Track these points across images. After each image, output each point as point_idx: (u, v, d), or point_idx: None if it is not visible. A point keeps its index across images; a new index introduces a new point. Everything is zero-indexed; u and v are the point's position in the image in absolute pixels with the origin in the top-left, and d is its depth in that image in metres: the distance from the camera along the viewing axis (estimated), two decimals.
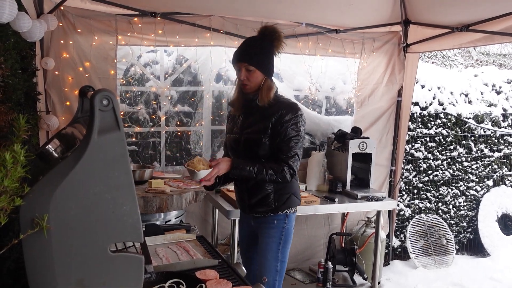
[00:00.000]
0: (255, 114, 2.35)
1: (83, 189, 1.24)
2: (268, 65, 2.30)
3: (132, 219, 1.29)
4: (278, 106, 2.30)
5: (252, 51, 2.28)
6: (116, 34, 3.32)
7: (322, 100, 4.23)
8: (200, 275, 1.79)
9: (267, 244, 2.42)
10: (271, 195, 2.39)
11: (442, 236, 4.86)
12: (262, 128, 2.30)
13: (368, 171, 3.83)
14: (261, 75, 2.29)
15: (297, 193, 2.47)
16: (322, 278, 3.74)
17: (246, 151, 2.35)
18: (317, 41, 3.91)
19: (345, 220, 4.23)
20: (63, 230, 1.23)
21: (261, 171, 2.23)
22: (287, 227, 2.44)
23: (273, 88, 2.33)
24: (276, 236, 2.41)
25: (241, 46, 2.33)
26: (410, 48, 4.20)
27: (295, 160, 2.28)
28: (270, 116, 2.29)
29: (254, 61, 2.26)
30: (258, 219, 2.47)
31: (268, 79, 2.32)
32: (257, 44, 2.30)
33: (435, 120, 4.90)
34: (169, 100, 3.64)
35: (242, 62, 2.28)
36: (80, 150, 1.24)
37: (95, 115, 1.24)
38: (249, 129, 2.35)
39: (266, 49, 2.28)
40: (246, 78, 2.28)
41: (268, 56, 2.29)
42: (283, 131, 2.27)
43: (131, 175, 1.28)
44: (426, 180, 4.95)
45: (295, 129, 2.28)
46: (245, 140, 2.36)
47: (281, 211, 2.41)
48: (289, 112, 2.28)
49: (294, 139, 2.29)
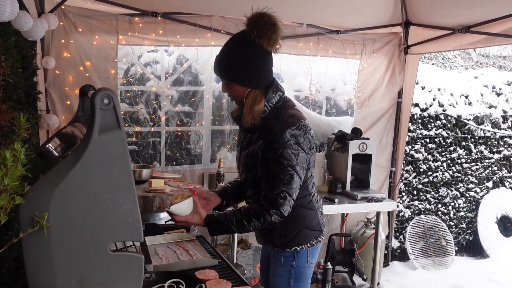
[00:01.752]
0: (253, 132, 1.93)
1: (83, 188, 1.24)
2: (248, 75, 1.80)
3: (132, 218, 1.29)
4: (265, 129, 1.84)
5: (225, 61, 1.83)
6: (117, 34, 3.32)
7: (323, 100, 4.23)
8: (200, 275, 1.79)
9: (276, 283, 2.08)
10: (277, 230, 1.98)
11: (441, 238, 4.85)
12: (256, 151, 1.88)
13: (368, 172, 3.83)
14: (241, 88, 1.84)
15: (313, 225, 2.02)
16: (322, 278, 3.73)
17: (247, 176, 1.97)
18: (318, 41, 3.91)
19: (344, 221, 4.23)
20: (63, 229, 1.23)
21: (241, 224, 1.83)
22: (297, 265, 2.03)
23: (260, 101, 1.84)
24: (284, 275, 2.04)
25: (217, 55, 1.89)
26: (410, 49, 4.19)
27: (282, 199, 1.81)
28: (258, 138, 1.87)
29: (227, 73, 1.84)
30: (270, 249, 2.13)
31: (254, 91, 1.85)
32: (232, 49, 1.83)
33: (435, 122, 4.90)
34: (170, 100, 3.64)
35: (216, 74, 1.92)
36: (81, 149, 1.24)
37: (96, 114, 1.24)
38: (246, 151, 1.95)
39: (245, 53, 1.78)
40: (227, 92, 1.90)
41: (248, 63, 1.79)
42: (268, 159, 1.82)
43: (132, 174, 1.28)
44: (425, 182, 4.95)
45: (286, 158, 1.79)
46: (243, 164, 1.98)
47: (289, 248, 2.00)
48: (274, 138, 1.79)
49: (282, 171, 1.79)
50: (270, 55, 1.86)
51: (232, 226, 1.84)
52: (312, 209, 2.03)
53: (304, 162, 1.86)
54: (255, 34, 1.76)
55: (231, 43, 1.86)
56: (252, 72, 1.81)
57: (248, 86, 1.85)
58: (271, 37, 1.77)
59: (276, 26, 1.78)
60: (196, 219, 1.87)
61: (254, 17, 1.78)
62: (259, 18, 1.77)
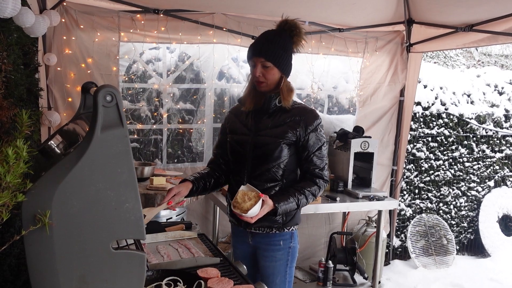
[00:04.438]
0: (272, 116, 2.11)
1: (85, 185, 1.23)
2: (286, 63, 2.06)
3: (134, 216, 1.29)
4: (300, 112, 2.09)
5: (270, 46, 2.03)
6: (119, 31, 3.31)
7: (325, 99, 4.22)
8: (201, 273, 1.79)
9: (274, 269, 2.17)
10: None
11: (442, 236, 4.85)
12: (280, 132, 2.07)
13: (369, 171, 3.82)
14: (278, 73, 2.05)
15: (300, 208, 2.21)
16: (323, 277, 3.73)
17: (256, 154, 2.10)
18: (320, 39, 3.90)
19: (346, 219, 4.22)
20: (65, 226, 1.23)
21: (301, 200, 2.03)
22: (293, 246, 2.19)
23: (293, 89, 2.12)
24: (283, 258, 2.16)
25: (257, 40, 2.09)
26: (413, 48, 4.18)
27: (326, 171, 2.13)
28: (291, 121, 2.07)
29: (271, 56, 2.01)
30: (257, 236, 2.18)
31: (286, 79, 2.09)
32: (276, 38, 2.04)
33: (437, 120, 4.89)
34: (171, 98, 3.63)
35: (258, 57, 2.04)
36: (83, 146, 1.24)
37: (99, 111, 1.23)
38: (263, 131, 2.09)
39: (285, 45, 2.04)
40: (262, 75, 2.04)
41: (287, 53, 2.05)
42: (312, 142, 2.08)
43: (134, 172, 1.28)
44: (427, 180, 4.94)
45: (320, 138, 2.10)
46: (258, 143, 2.10)
47: (287, 228, 2.14)
48: (313, 120, 2.08)
49: (323, 148, 2.11)
50: None
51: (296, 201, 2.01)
52: None
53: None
54: (295, 32, 2.05)
55: (276, 34, 2.06)
56: (290, 61, 2.09)
57: (284, 73, 2.08)
58: (301, 38, 2.08)
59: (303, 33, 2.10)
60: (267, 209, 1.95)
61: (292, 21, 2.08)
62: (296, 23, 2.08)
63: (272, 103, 2.10)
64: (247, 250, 2.27)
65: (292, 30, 2.05)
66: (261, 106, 2.12)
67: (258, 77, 2.05)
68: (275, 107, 2.10)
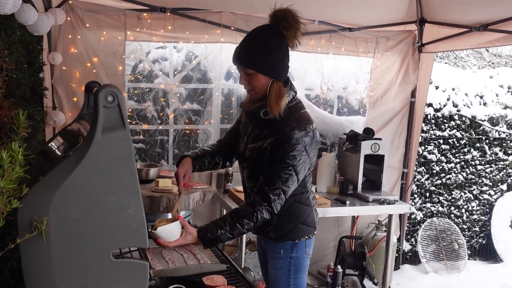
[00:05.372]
0: (262, 127, 1.91)
1: (85, 190, 1.17)
2: (273, 65, 1.78)
3: (136, 223, 1.22)
4: (284, 126, 1.82)
5: (249, 50, 1.80)
6: (125, 30, 3.25)
7: (334, 99, 4.14)
8: (207, 281, 1.72)
9: (276, 276, 2.08)
10: (272, 223, 1.98)
11: (454, 241, 4.75)
12: (263, 147, 1.87)
13: (380, 173, 3.73)
14: (264, 78, 1.81)
15: (308, 221, 2.06)
16: (331, 282, 3.65)
17: (250, 169, 1.99)
18: (330, 39, 3.81)
19: (355, 223, 4.13)
20: (64, 234, 1.16)
21: (234, 228, 1.74)
22: (296, 257, 2.04)
23: (284, 94, 1.83)
24: (284, 267, 2.05)
25: (240, 43, 1.86)
26: (425, 48, 4.08)
27: (276, 196, 1.79)
28: (275, 133, 1.84)
29: (251, 62, 1.78)
30: (265, 241, 2.13)
31: (277, 83, 1.82)
32: (256, 39, 1.81)
33: (449, 122, 4.79)
34: (178, 98, 3.57)
35: (238, 64, 1.85)
36: (83, 149, 1.17)
37: (99, 112, 1.17)
38: (253, 145, 1.94)
39: (269, 45, 1.77)
40: (247, 83, 1.85)
41: (274, 53, 1.77)
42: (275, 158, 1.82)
43: (137, 176, 1.21)
44: (438, 183, 4.84)
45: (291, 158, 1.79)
46: (248, 157, 1.97)
47: (287, 240, 2.03)
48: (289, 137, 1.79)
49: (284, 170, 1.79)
50: (288, 49, 1.87)
51: (227, 233, 1.74)
52: (308, 206, 2.06)
53: (307, 165, 1.88)
54: (284, 26, 1.79)
55: (257, 33, 1.85)
56: (278, 62, 1.80)
57: (272, 77, 1.82)
58: (296, 32, 1.81)
59: (300, 23, 1.82)
60: (189, 239, 1.73)
61: (282, 11, 1.83)
62: (286, 12, 1.82)
63: (258, 117, 1.88)
64: (262, 251, 2.24)
65: (279, 24, 1.79)
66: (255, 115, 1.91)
67: (244, 86, 1.89)
68: (261, 119, 1.88)
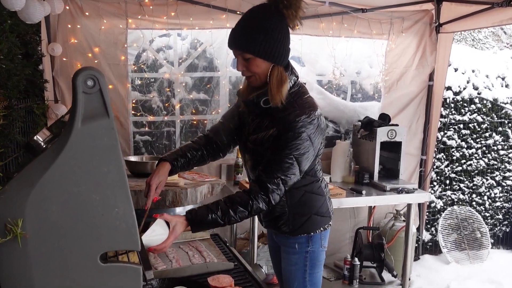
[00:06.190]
0: (263, 116, 1.78)
1: (65, 188, 1.03)
2: (273, 48, 1.65)
3: (126, 223, 1.09)
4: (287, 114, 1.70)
5: (245, 33, 1.65)
6: (126, 17, 3.13)
7: (347, 85, 3.95)
8: (212, 281, 1.59)
9: (290, 273, 1.97)
10: (284, 216, 1.89)
11: (476, 229, 4.57)
12: (266, 137, 1.75)
13: (397, 161, 3.56)
14: (264, 62, 1.67)
15: (322, 211, 1.94)
16: (349, 275, 3.50)
17: (253, 163, 1.85)
18: (342, 21, 3.63)
19: (372, 213, 3.97)
20: (43, 237, 1.03)
21: (227, 214, 1.60)
22: (312, 251, 1.94)
23: (285, 80, 1.70)
24: (299, 263, 1.94)
25: (236, 25, 1.71)
26: (442, 28, 3.88)
27: (274, 185, 1.66)
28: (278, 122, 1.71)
29: (247, 46, 1.64)
30: (277, 235, 2.02)
31: (278, 67, 1.69)
32: (252, 21, 1.67)
33: (469, 106, 4.58)
34: (184, 87, 3.43)
35: (234, 48, 1.70)
36: (61, 141, 1.04)
37: (78, 99, 1.03)
38: (254, 136, 1.81)
39: (266, 27, 1.64)
40: (246, 69, 1.71)
41: (273, 35, 1.64)
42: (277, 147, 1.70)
43: (124, 171, 1.07)
44: (459, 170, 4.64)
45: (294, 147, 1.67)
46: (250, 149, 1.84)
47: (301, 233, 1.92)
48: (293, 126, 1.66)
49: (285, 158, 1.67)
50: (289, 31, 1.72)
51: (218, 218, 1.59)
52: (321, 195, 1.95)
53: (311, 155, 1.74)
54: (284, 4, 1.64)
55: (253, 14, 1.70)
56: (278, 45, 1.66)
57: (272, 61, 1.68)
58: (297, 10, 1.67)
59: (301, 1, 1.68)
60: (179, 228, 1.57)
61: None
62: None
63: (258, 106, 1.75)
64: (274, 246, 2.13)
65: (278, 3, 1.64)
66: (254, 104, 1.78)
67: (242, 72, 1.73)
68: (262, 109, 1.75)
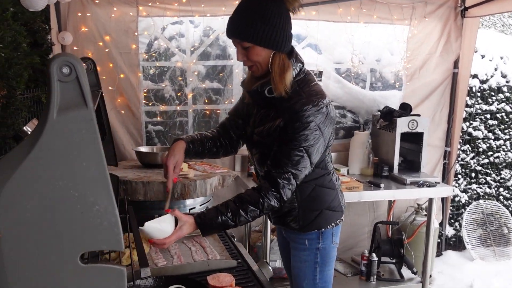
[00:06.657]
0: (269, 107, 1.71)
1: (40, 184, 0.96)
2: (272, 34, 1.56)
3: (107, 221, 1.00)
4: (293, 103, 1.61)
5: (241, 20, 1.58)
6: (137, 5, 3.07)
7: (367, 73, 3.80)
8: (212, 280, 1.51)
9: (299, 270, 1.89)
10: (294, 212, 1.81)
11: (503, 225, 4.37)
12: (272, 129, 1.66)
13: (419, 153, 3.41)
14: (264, 50, 1.59)
15: (334, 206, 1.86)
16: (366, 271, 3.39)
17: (260, 157, 1.78)
18: (360, 6, 3.47)
19: (392, 207, 3.83)
20: (17, 237, 0.96)
21: (237, 215, 1.54)
22: (323, 247, 1.86)
23: (289, 67, 1.62)
24: (310, 260, 1.86)
25: (233, 12, 1.64)
26: (468, 12, 3.68)
27: (285, 180, 1.59)
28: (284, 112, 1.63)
29: (246, 33, 1.56)
30: (287, 231, 1.94)
31: (279, 55, 1.61)
32: (251, 6, 1.58)
33: (497, 95, 4.36)
34: (196, 76, 3.35)
35: (233, 37, 1.62)
36: (36, 134, 0.96)
37: (53, 88, 0.95)
38: (260, 128, 1.73)
39: (264, 12, 1.55)
40: (246, 58, 1.63)
41: (272, 20, 1.56)
42: (285, 139, 1.62)
43: (105, 165, 0.99)
44: (485, 163, 4.44)
45: (303, 138, 1.58)
46: (256, 142, 1.77)
47: (312, 229, 1.84)
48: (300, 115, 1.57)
49: (294, 150, 1.59)
50: (290, 16, 1.64)
51: (229, 220, 1.54)
52: (332, 188, 1.86)
53: (321, 146, 1.65)
54: None
55: (250, 0, 1.61)
56: (278, 30, 1.58)
57: (273, 48, 1.60)
58: None
59: None
60: (186, 229, 1.51)
61: None
62: None
63: (262, 96, 1.68)
64: (283, 241, 2.06)
65: None
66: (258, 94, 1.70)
67: (243, 62, 1.65)
68: (267, 98, 1.67)
